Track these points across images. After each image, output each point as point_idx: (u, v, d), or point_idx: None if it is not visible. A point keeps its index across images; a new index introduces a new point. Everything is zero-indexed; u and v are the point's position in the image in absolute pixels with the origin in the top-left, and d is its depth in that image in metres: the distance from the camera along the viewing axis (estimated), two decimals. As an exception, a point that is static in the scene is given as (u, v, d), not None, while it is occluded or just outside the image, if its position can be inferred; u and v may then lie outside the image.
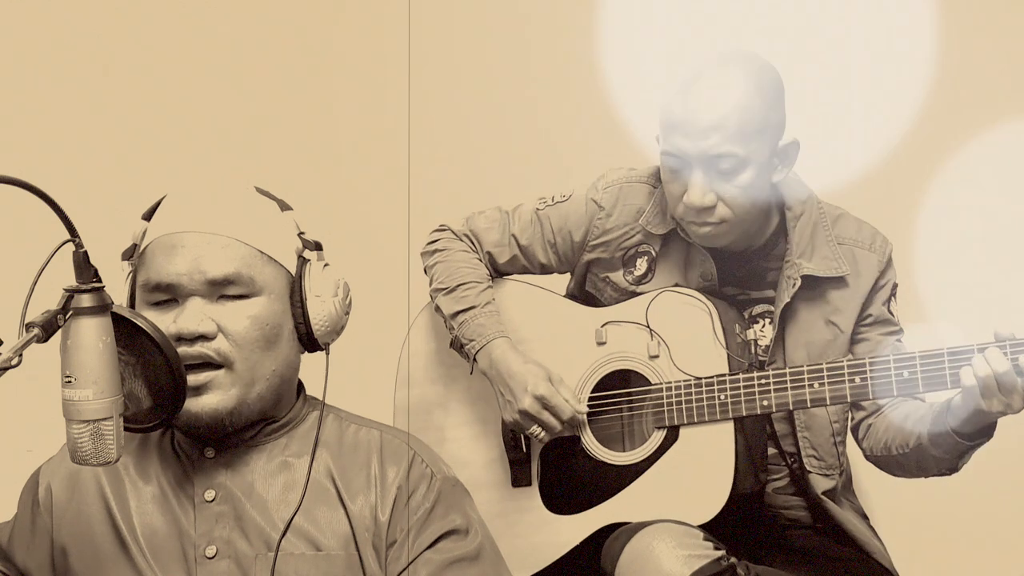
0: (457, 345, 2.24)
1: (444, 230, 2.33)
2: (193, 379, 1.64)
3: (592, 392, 2.18)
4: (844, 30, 2.88)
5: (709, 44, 2.71)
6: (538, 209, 2.28)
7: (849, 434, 2.24)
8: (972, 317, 2.01)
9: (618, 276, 2.23)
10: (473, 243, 2.30)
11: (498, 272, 2.32)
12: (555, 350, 2.21)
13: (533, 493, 2.22)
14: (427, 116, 3.08)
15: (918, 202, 2.78)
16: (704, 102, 2.01)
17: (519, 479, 2.23)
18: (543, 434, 2.13)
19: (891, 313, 2.17)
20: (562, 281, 2.37)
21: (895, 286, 2.18)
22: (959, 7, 2.80)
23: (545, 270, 2.32)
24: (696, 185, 2.03)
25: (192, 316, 1.64)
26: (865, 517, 2.25)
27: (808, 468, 2.17)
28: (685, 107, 2.02)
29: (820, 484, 2.18)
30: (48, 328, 1.40)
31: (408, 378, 2.35)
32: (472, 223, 2.32)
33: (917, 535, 2.65)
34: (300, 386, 1.82)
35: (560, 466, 2.20)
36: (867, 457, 2.21)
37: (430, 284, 2.30)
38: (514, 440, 2.22)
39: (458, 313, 2.21)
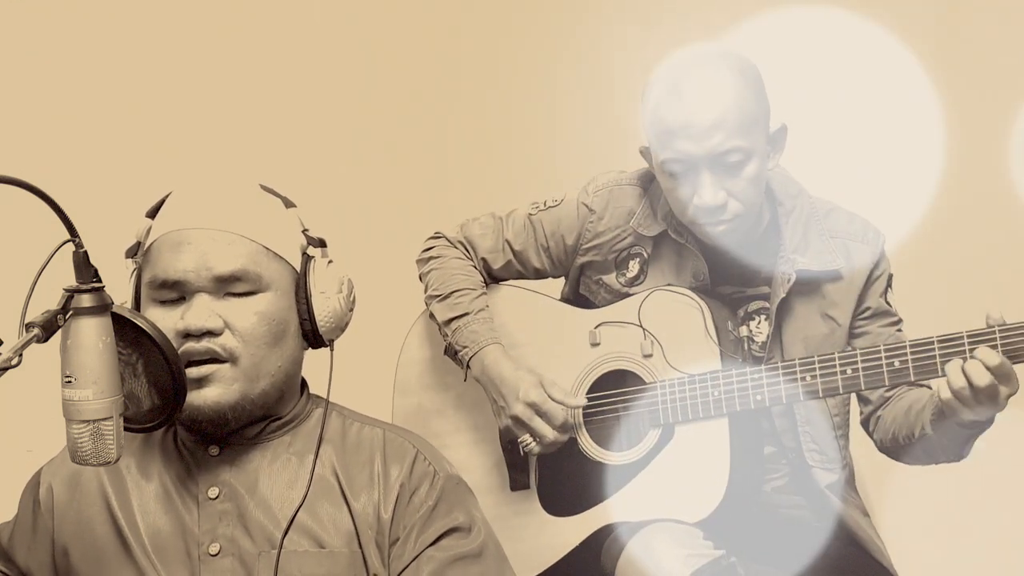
0: (451, 352, 2.24)
1: (439, 237, 2.34)
2: (196, 371, 1.64)
3: (588, 393, 2.18)
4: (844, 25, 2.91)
5: (704, 41, 2.72)
6: (530, 214, 2.29)
7: (857, 428, 2.23)
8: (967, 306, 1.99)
9: (611, 278, 2.24)
10: (467, 250, 2.31)
11: (493, 278, 2.33)
12: (550, 353, 2.22)
13: (532, 496, 2.22)
14: (431, 114, 3.10)
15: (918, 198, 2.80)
16: (701, 102, 2.00)
17: (517, 482, 2.23)
18: (534, 445, 2.13)
19: (888, 304, 2.17)
20: (557, 285, 2.38)
21: (890, 276, 2.18)
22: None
23: (539, 275, 2.33)
24: (706, 185, 2.02)
25: (199, 312, 1.64)
26: (866, 515, 2.24)
27: (810, 463, 2.16)
28: (681, 111, 2.01)
29: (823, 478, 2.17)
30: (48, 328, 1.40)
31: (403, 385, 2.37)
32: (466, 230, 2.33)
33: (917, 534, 2.63)
34: (304, 383, 1.82)
35: (558, 468, 2.20)
36: (879, 448, 2.20)
37: (425, 291, 2.31)
38: (512, 444, 2.22)
39: (452, 320, 2.22)
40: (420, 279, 2.34)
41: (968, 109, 2.83)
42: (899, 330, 2.17)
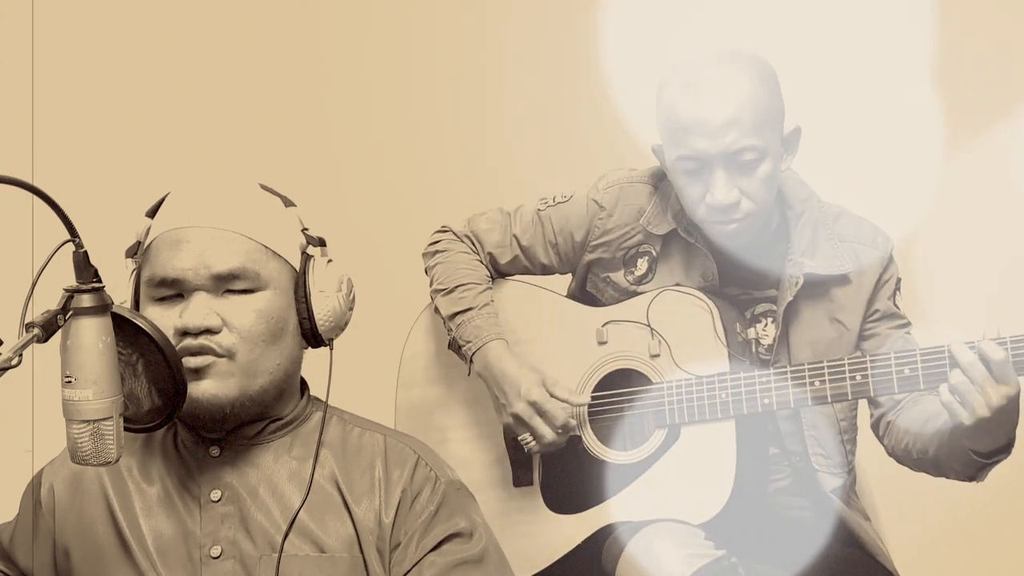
0: (455, 346, 2.23)
1: (446, 231, 2.33)
2: (194, 361, 1.63)
3: (594, 392, 2.18)
4: (847, 28, 2.91)
5: (709, 43, 2.72)
6: (539, 210, 2.28)
7: (864, 435, 2.23)
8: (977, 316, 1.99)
9: (619, 276, 2.23)
10: (474, 244, 2.30)
11: (500, 273, 2.32)
12: (556, 350, 2.21)
13: (535, 493, 2.21)
14: (431, 113, 3.10)
15: (922, 201, 2.80)
16: (715, 100, 2.00)
17: (521, 479, 2.23)
18: (533, 444, 2.13)
19: (897, 307, 2.17)
20: (563, 281, 2.37)
21: (899, 280, 2.18)
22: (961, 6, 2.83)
23: (546, 271, 2.32)
24: (719, 183, 2.01)
25: (197, 310, 1.64)
26: (867, 519, 2.24)
27: (816, 467, 2.16)
28: (696, 108, 2.01)
29: (828, 482, 2.17)
30: (48, 328, 1.40)
31: (407, 378, 2.36)
32: (473, 224, 2.32)
33: (920, 538, 2.63)
34: (304, 385, 1.81)
35: (562, 465, 2.20)
36: (889, 454, 2.19)
37: (430, 285, 2.30)
38: (516, 440, 2.22)
39: (456, 314, 2.21)
40: (426, 272, 2.33)
41: (976, 111, 2.84)
42: (908, 332, 2.16)
